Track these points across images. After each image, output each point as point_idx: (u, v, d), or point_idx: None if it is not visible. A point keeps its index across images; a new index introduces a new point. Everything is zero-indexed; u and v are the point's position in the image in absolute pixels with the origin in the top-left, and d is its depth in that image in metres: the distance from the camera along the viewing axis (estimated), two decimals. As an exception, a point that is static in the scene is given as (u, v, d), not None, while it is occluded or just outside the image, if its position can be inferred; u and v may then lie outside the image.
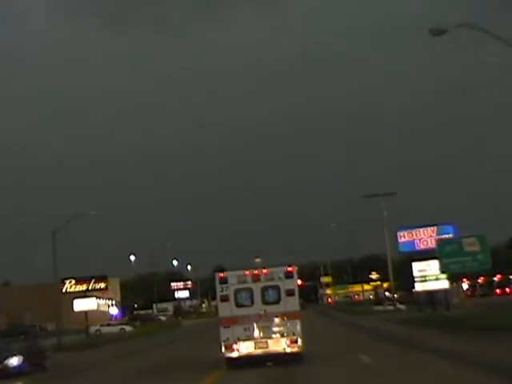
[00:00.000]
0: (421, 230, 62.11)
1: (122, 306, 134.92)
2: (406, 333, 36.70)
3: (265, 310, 22.51)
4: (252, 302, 22.62)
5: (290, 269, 22.78)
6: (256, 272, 22.88)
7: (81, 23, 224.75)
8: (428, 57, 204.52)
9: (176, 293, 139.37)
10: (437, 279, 60.13)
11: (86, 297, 64.89)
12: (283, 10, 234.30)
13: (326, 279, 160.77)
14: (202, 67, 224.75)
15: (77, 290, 65.58)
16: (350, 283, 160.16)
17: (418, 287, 61.13)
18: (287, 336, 22.42)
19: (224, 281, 22.78)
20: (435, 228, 61.84)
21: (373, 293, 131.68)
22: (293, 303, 22.59)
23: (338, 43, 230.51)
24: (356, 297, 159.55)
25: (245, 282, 22.74)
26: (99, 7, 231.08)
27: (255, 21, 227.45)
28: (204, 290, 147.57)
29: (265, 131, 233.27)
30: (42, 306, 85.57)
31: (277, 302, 22.60)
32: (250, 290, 22.65)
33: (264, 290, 22.65)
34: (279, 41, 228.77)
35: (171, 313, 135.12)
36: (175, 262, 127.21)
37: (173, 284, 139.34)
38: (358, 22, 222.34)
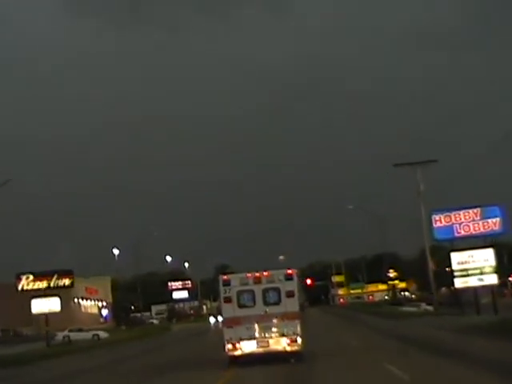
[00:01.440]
0: (461, 212, 50.07)
1: (116, 308, 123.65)
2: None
3: (266, 311, 23.20)
4: (254, 303, 23.34)
5: (289, 271, 23.66)
6: (257, 275, 23.58)
7: (85, 23, 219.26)
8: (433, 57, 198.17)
9: (174, 293, 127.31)
10: (481, 273, 48.55)
11: (47, 296, 52.87)
12: (286, 12, 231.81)
13: (337, 278, 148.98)
14: (203, 67, 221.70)
15: (35, 287, 53.60)
16: (366, 283, 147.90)
17: (458, 284, 49.27)
18: (287, 335, 23.06)
19: (227, 283, 23.51)
20: (479, 210, 49.91)
21: (389, 292, 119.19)
22: (293, 304, 23.34)
23: (340, 45, 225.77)
24: (370, 297, 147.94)
25: (247, 284, 23.50)
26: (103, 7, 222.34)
27: (258, 21, 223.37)
28: (206, 291, 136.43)
29: (265, 129, 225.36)
30: (19, 308, 75.47)
31: (277, 303, 23.29)
32: (252, 292, 23.40)
33: (265, 291, 23.38)
34: (282, 42, 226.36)
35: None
36: (169, 258, 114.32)
37: (170, 283, 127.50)
38: (359, 23, 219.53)
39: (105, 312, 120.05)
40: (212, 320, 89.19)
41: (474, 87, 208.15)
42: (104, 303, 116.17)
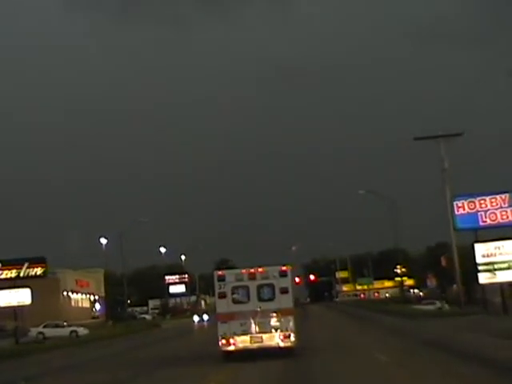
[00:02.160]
0: (487, 198, 44.23)
1: (109, 302, 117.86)
2: None
3: (260, 307, 23.19)
4: (248, 299, 23.35)
5: (284, 268, 23.70)
6: (252, 271, 23.70)
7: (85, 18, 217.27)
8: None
9: (170, 287, 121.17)
10: (509, 268, 42.88)
11: (16, 287, 46.87)
12: (289, 11, 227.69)
13: (342, 274, 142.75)
14: (204, 63, 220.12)
15: (3, 276, 47.48)
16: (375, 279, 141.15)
17: (483, 279, 43.43)
18: (281, 331, 23.01)
19: (222, 278, 23.66)
20: (507, 196, 44.07)
21: (398, 290, 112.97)
22: (286, 300, 23.32)
23: (339, 45, 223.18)
24: (376, 294, 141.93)
25: (242, 279, 23.56)
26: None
27: (262, 19, 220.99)
28: (206, 286, 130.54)
29: (267, 125, 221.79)
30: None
31: (271, 299, 23.31)
32: (247, 288, 23.44)
33: (259, 287, 23.45)
34: (284, 40, 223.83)
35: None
36: (163, 250, 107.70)
37: (167, 277, 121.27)
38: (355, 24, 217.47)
39: (99, 306, 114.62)
40: (196, 318, 78.50)
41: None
42: (96, 297, 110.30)
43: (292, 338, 22.94)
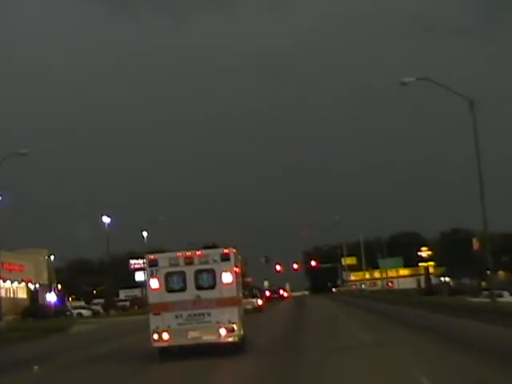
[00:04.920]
0: None
1: (59, 293, 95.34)
2: None
3: (198, 296, 21.39)
4: (184, 287, 21.43)
5: (226, 251, 21.92)
6: (189, 254, 21.78)
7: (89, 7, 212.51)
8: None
9: (137, 274, 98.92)
10: None
11: None
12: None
13: (349, 261, 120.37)
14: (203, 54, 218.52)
15: None
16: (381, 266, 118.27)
17: None
18: (223, 324, 21.15)
19: (154, 263, 21.55)
20: None
21: (423, 277, 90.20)
22: (229, 288, 21.43)
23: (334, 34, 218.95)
24: (390, 284, 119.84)
25: (177, 264, 21.60)
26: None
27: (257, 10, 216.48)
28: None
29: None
30: None
31: (212, 287, 21.46)
32: (183, 274, 21.50)
33: (198, 273, 21.54)
34: (279, 31, 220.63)
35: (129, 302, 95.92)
36: (107, 220, 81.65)
37: (132, 262, 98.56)
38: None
39: (51, 297, 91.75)
40: None
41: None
42: (37, 285, 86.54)
43: (236, 332, 21.05)
